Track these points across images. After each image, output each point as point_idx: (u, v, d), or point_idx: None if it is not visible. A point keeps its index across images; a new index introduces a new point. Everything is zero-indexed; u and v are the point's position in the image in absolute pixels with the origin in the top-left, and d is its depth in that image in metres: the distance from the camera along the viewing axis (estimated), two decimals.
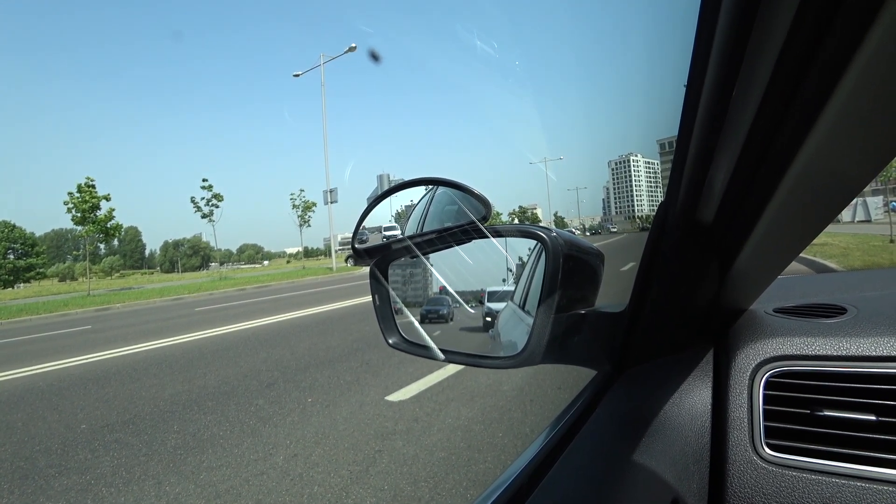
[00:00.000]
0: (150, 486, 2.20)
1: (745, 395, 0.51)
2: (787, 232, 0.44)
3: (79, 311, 13.44)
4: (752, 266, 0.50)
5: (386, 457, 2.30)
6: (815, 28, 0.27)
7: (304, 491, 2.05)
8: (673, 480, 0.48)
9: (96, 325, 9.58)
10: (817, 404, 0.48)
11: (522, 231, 0.59)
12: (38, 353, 6.31)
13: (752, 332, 0.56)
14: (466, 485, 1.98)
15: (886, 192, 24.43)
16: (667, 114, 0.43)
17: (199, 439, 2.72)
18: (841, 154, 0.34)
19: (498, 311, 0.67)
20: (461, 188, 0.59)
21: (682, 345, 0.59)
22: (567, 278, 0.52)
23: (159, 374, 4.43)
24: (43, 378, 4.69)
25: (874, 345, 0.49)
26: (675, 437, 0.51)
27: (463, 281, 0.68)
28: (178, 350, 5.58)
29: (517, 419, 2.63)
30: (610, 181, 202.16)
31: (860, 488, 0.43)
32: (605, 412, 0.56)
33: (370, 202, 0.72)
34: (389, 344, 0.71)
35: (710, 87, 0.36)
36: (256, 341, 5.75)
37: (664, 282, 0.54)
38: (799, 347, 0.52)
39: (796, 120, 0.32)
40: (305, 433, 2.68)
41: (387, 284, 0.71)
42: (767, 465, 0.47)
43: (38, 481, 2.35)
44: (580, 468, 0.47)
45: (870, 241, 9.82)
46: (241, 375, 4.10)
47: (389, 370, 3.79)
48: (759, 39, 0.30)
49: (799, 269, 6.25)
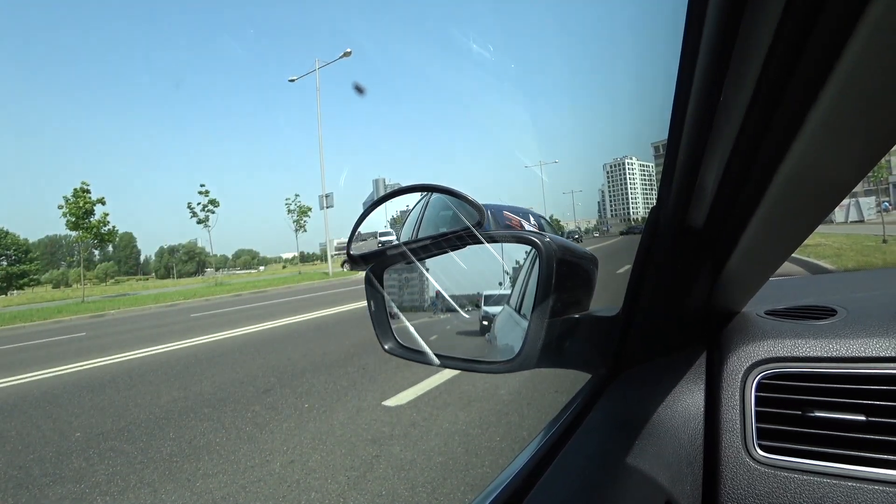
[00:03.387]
0: (145, 493, 2.18)
1: (737, 396, 0.52)
2: (778, 234, 0.45)
3: (73, 318, 13.34)
4: (743, 268, 0.51)
5: (383, 462, 2.29)
6: (799, 35, 0.28)
7: (302, 497, 2.03)
8: (666, 482, 0.48)
9: (91, 331, 9.51)
10: (808, 405, 0.49)
11: (517, 237, 0.60)
12: (32, 360, 6.26)
13: (744, 335, 0.57)
14: (464, 489, 1.97)
15: (878, 193, 24.64)
16: (660, 117, 0.43)
17: (195, 446, 2.70)
18: (828, 157, 0.34)
19: (494, 315, 0.67)
20: (455, 194, 0.59)
21: (676, 348, 0.60)
22: (561, 283, 0.53)
23: (155, 380, 4.39)
24: (37, 386, 4.65)
25: (863, 346, 0.50)
26: (669, 439, 0.51)
27: (458, 286, 0.69)
28: (173, 356, 5.55)
29: (514, 423, 2.62)
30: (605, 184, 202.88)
31: (851, 488, 0.43)
32: (599, 415, 0.57)
33: (366, 207, 0.73)
34: (385, 349, 0.71)
35: (697, 93, 0.37)
36: (252, 347, 5.72)
37: (657, 285, 0.54)
38: (790, 349, 0.53)
39: (783, 124, 0.33)
40: (302, 439, 2.66)
41: (382, 290, 0.72)
42: (759, 466, 0.48)
43: (32, 490, 2.32)
44: (575, 470, 0.47)
45: (863, 241, 9.88)
46: (238, 381, 4.07)
47: (386, 375, 3.78)
48: (745, 46, 0.31)
49: (794, 269, 6.29)
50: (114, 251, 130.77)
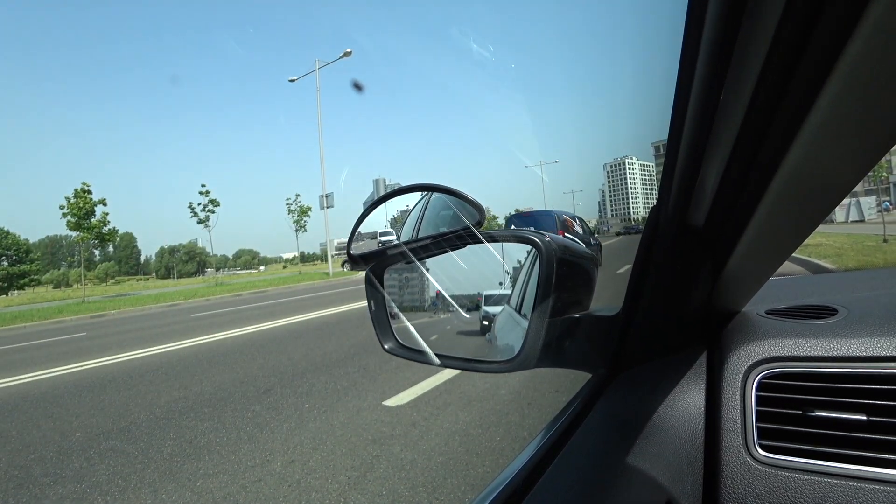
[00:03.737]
0: (146, 493, 2.19)
1: (737, 396, 0.52)
2: (778, 234, 0.45)
3: (73, 318, 13.34)
4: (743, 268, 0.51)
5: (384, 462, 2.29)
6: (799, 36, 0.28)
7: (302, 497, 2.03)
8: (667, 482, 0.48)
9: (91, 332, 9.51)
10: (809, 405, 0.49)
11: (517, 236, 0.60)
12: (33, 360, 6.26)
13: (745, 334, 0.57)
14: (465, 489, 1.97)
15: (879, 193, 24.62)
16: (661, 116, 0.43)
17: (196, 446, 2.70)
18: (827, 158, 0.34)
19: (495, 315, 0.67)
20: (456, 194, 0.59)
21: (676, 347, 0.60)
22: (561, 283, 0.53)
23: (155, 380, 4.40)
24: (37, 386, 4.65)
25: (864, 345, 0.50)
26: (670, 439, 0.51)
27: (458, 285, 0.69)
28: (173, 357, 5.55)
29: (515, 423, 2.62)
30: (605, 184, 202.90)
31: (852, 488, 0.43)
32: (600, 414, 0.57)
33: (366, 207, 0.73)
34: (385, 349, 0.71)
35: (697, 93, 0.37)
36: (253, 347, 5.72)
37: (657, 285, 0.54)
38: (790, 349, 0.53)
39: (783, 125, 0.33)
40: (303, 439, 2.67)
41: (382, 290, 0.72)
42: (760, 465, 0.48)
43: (33, 490, 2.33)
44: (575, 470, 0.48)
45: (864, 241, 9.89)
46: (238, 381, 4.07)
47: (387, 375, 3.78)
48: (745, 46, 0.31)
49: (794, 269, 6.29)
50: (114, 251, 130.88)
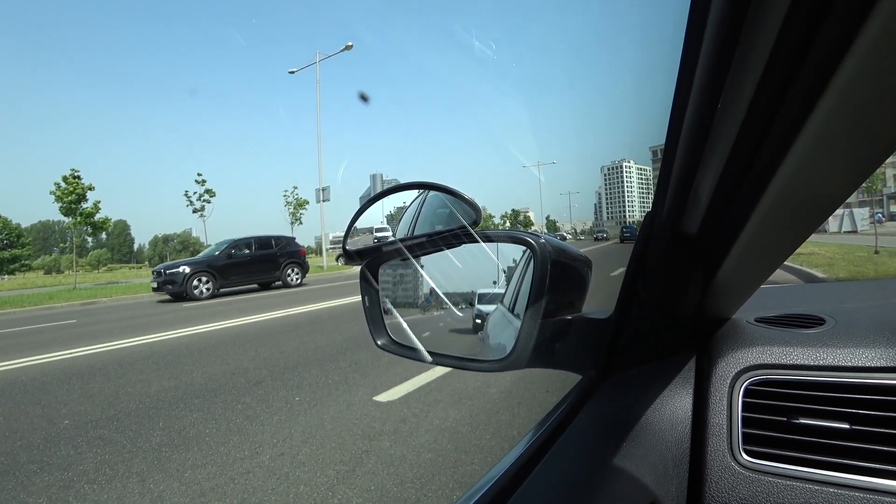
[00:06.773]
0: (133, 483, 2.18)
1: (724, 402, 0.52)
2: (770, 243, 0.45)
3: (64, 305, 13.22)
4: (735, 276, 0.51)
5: (373, 457, 2.29)
6: (799, 45, 0.28)
7: (290, 490, 2.03)
8: (652, 484, 0.48)
9: (82, 319, 9.44)
10: (794, 412, 0.49)
11: (512, 237, 0.60)
12: (22, 346, 6.20)
13: (734, 341, 0.57)
14: (453, 486, 1.98)
15: (872, 204, 24.86)
16: (659, 121, 0.43)
17: (185, 437, 2.69)
18: (821, 170, 0.35)
19: (488, 314, 0.67)
20: (452, 193, 0.60)
21: (666, 352, 0.60)
22: (554, 284, 0.53)
23: (145, 370, 4.37)
24: (25, 372, 4.61)
25: (849, 355, 0.51)
26: (656, 442, 0.52)
27: (452, 283, 0.69)
28: (164, 346, 5.52)
29: (505, 421, 2.63)
30: (602, 186, 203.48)
31: (833, 494, 0.44)
32: (588, 416, 0.57)
33: (363, 202, 0.73)
34: (378, 345, 0.71)
35: (696, 99, 0.37)
36: (244, 339, 5.70)
37: (649, 290, 0.55)
38: (778, 357, 0.54)
39: (779, 136, 0.33)
40: (292, 432, 2.66)
41: (377, 286, 0.72)
42: (744, 470, 0.48)
43: (19, 477, 2.31)
44: (562, 471, 0.48)
45: (855, 251, 9.98)
46: (229, 373, 4.06)
47: (378, 370, 3.78)
48: (745, 54, 0.31)
49: (786, 277, 6.34)
50: (107, 239, 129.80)
